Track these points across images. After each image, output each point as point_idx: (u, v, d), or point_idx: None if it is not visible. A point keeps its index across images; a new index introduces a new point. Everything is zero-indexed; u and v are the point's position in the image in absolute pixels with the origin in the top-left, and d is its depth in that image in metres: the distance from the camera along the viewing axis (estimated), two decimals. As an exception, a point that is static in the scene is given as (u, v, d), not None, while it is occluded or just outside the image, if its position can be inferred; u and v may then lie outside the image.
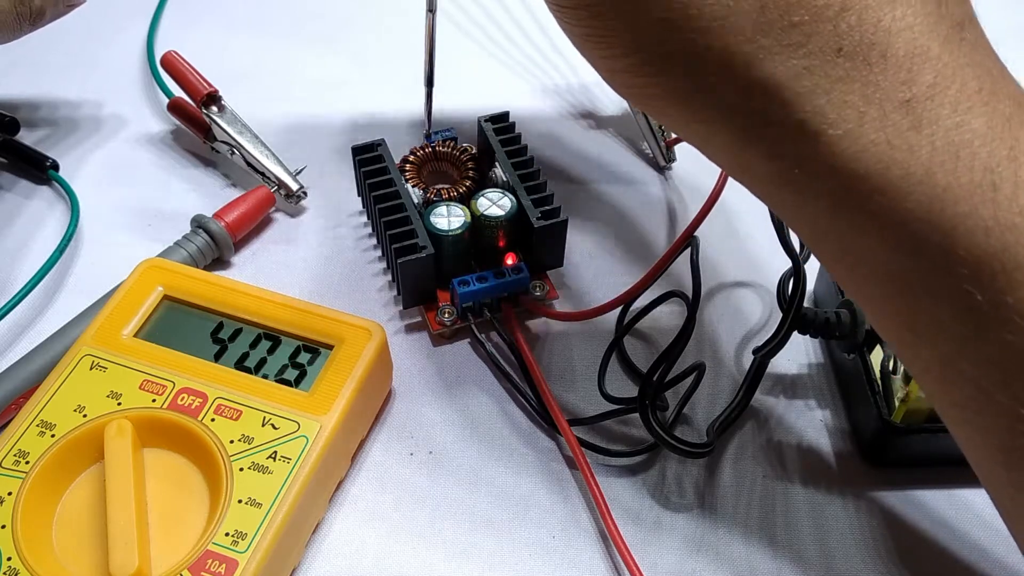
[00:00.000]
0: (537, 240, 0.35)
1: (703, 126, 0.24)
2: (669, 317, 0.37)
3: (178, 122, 0.43)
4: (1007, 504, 0.24)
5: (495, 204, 0.36)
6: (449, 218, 0.35)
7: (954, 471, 0.31)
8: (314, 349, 0.32)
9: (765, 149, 0.23)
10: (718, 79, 0.23)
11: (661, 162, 0.43)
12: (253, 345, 0.33)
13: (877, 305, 0.24)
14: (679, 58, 0.23)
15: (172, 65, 0.42)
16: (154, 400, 0.31)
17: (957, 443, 0.24)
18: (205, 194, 0.41)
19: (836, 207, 0.23)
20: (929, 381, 0.24)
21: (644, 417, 0.32)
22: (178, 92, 0.43)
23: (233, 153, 0.41)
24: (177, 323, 0.33)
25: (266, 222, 0.40)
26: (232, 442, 0.30)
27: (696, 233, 0.32)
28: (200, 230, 0.38)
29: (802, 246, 0.33)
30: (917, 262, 0.22)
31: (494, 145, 0.37)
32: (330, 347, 0.32)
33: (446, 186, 0.37)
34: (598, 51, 0.25)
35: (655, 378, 0.31)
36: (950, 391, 0.23)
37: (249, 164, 0.41)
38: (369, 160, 0.37)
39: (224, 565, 0.27)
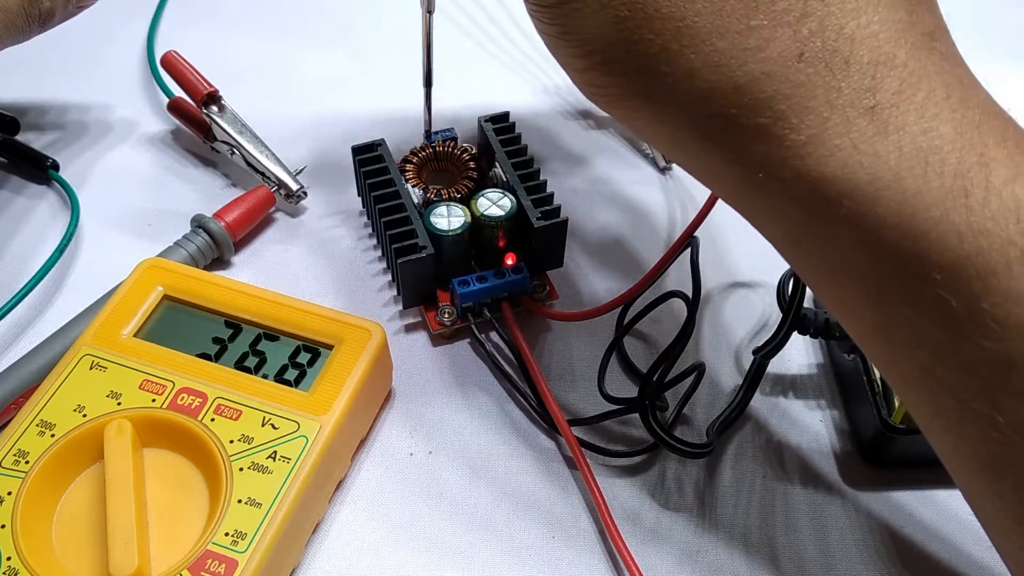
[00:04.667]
0: (537, 240, 0.35)
1: (667, 129, 0.24)
2: (669, 317, 0.37)
3: (178, 122, 0.43)
4: (988, 513, 0.24)
5: (495, 204, 0.36)
6: (449, 218, 0.35)
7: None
8: (314, 349, 0.32)
9: (728, 154, 0.23)
10: (677, 82, 0.23)
11: (661, 162, 0.43)
12: (253, 345, 0.33)
13: (853, 314, 0.24)
14: (639, 59, 0.23)
15: (172, 65, 0.42)
16: (154, 400, 0.31)
17: (937, 453, 0.24)
18: (205, 194, 0.41)
19: (806, 213, 0.23)
20: (907, 390, 0.24)
21: (644, 417, 0.32)
22: (178, 92, 0.43)
23: (233, 153, 0.41)
24: (177, 323, 0.33)
25: (266, 222, 0.40)
26: (232, 442, 0.30)
27: (696, 233, 0.32)
28: (200, 230, 0.38)
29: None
30: (891, 268, 0.22)
31: (494, 145, 0.37)
32: (330, 347, 0.32)
33: (446, 187, 0.37)
34: (565, 50, 0.25)
35: (655, 378, 0.31)
36: (928, 400, 0.23)
37: (249, 164, 0.41)
38: (369, 160, 0.37)
39: (224, 565, 0.27)
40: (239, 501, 0.29)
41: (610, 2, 0.23)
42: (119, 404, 0.30)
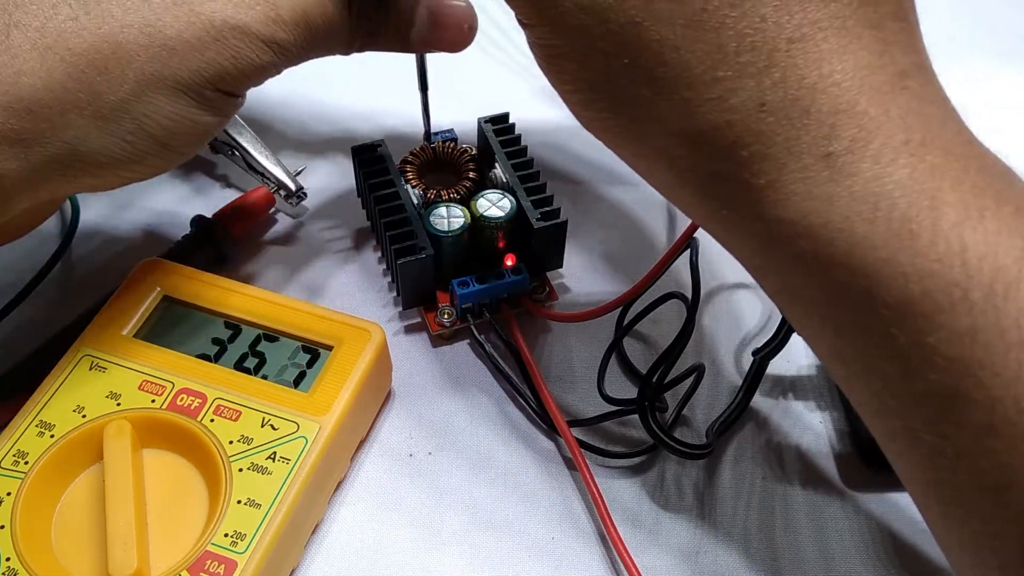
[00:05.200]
0: (537, 241, 0.35)
1: (643, 162, 0.26)
2: (669, 318, 0.37)
3: (178, 122, 0.43)
4: (939, 533, 0.25)
5: (495, 205, 0.36)
6: (449, 219, 0.35)
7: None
8: (313, 350, 0.32)
9: (696, 191, 0.25)
10: (651, 123, 0.24)
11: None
12: (252, 346, 0.33)
13: (815, 340, 0.25)
14: (620, 99, 0.25)
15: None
16: (153, 400, 0.31)
17: (896, 473, 0.25)
18: (205, 194, 0.41)
19: (767, 249, 0.24)
20: (864, 414, 0.25)
21: (643, 418, 0.32)
22: (178, 92, 0.43)
23: (233, 154, 0.41)
24: (176, 323, 0.33)
25: (266, 222, 0.40)
26: (231, 443, 0.30)
27: (696, 234, 0.32)
28: (200, 230, 0.38)
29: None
30: (843, 304, 0.23)
31: (494, 146, 0.37)
32: (329, 348, 0.32)
33: (446, 187, 0.37)
34: (561, 84, 0.26)
35: (655, 379, 0.31)
36: (882, 426, 0.24)
37: (249, 164, 0.41)
38: (369, 160, 0.37)
39: (223, 566, 0.27)
40: (238, 502, 0.29)
41: (590, 52, 0.24)
42: (118, 405, 0.30)
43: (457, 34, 0.32)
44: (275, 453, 0.30)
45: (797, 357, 0.36)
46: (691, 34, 0.23)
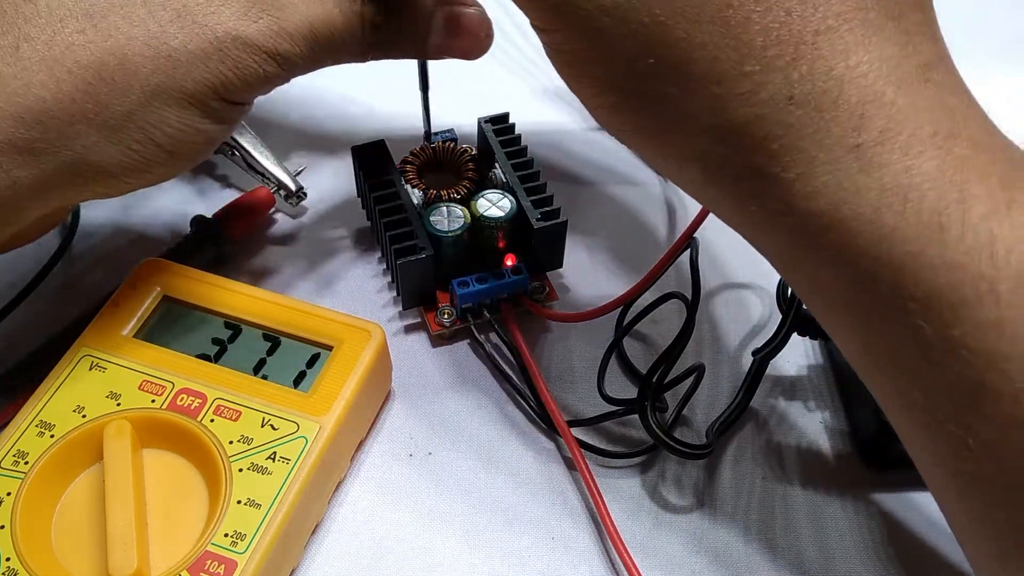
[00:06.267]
0: (537, 241, 0.35)
1: (671, 162, 0.26)
2: (669, 318, 0.37)
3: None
4: (960, 525, 0.25)
5: (495, 205, 0.36)
6: (449, 219, 0.35)
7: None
8: (313, 350, 0.32)
9: (726, 188, 0.25)
10: (680, 122, 0.24)
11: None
12: (252, 346, 0.33)
13: (841, 334, 0.25)
14: (647, 100, 0.24)
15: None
16: (153, 400, 0.31)
17: (917, 468, 0.25)
18: (205, 194, 0.41)
19: (795, 242, 0.24)
20: (889, 408, 0.25)
21: (643, 418, 0.32)
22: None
23: (233, 154, 0.41)
24: (176, 323, 0.33)
25: (266, 222, 0.40)
26: (231, 443, 0.30)
27: (696, 234, 0.32)
28: (200, 231, 0.38)
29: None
30: (871, 296, 0.23)
31: (494, 146, 0.37)
32: (329, 348, 0.32)
33: (446, 187, 0.37)
34: (583, 89, 0.26)
35: (655, 379, 0.31)
36: (906, 419, 0.24)
37: (249, 165, 0.40)
38: (369, 160, 0.37)
39: (223, 566, 0.27)
40: (238, 502, 0.29)
41: (614, 54, 0.24)
42: (118, 405, 0.30)
43: (474, 42, 0.32)
44: (275, 453, 0.30)
45: (797, 357, 0.36)
46: (718, 30, 0.23)
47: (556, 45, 0.26)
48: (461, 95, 0.43)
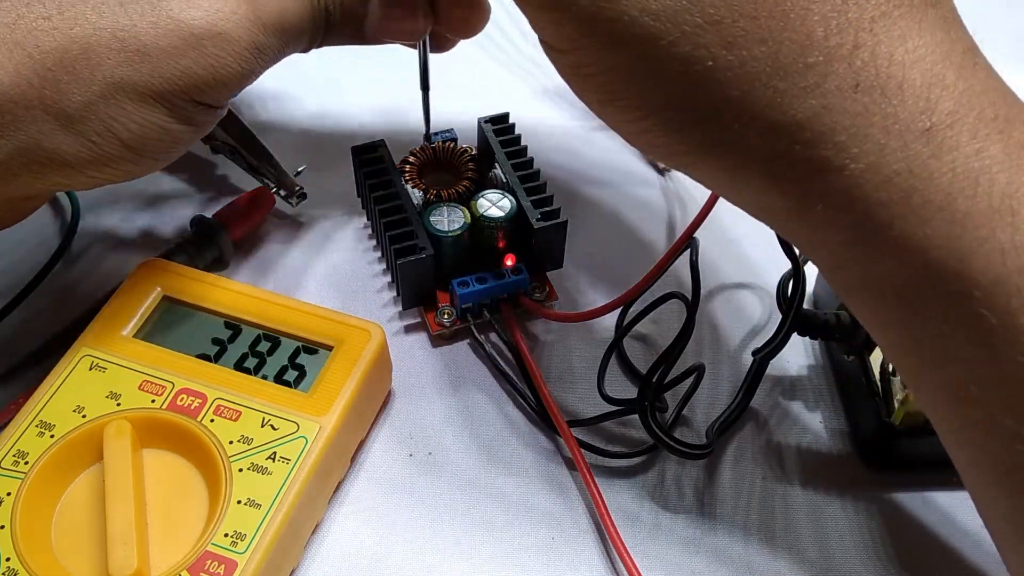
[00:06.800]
0: (537, 241, 0.35)
1: (728, 173, 0.25)
2: (669, 318, 0.37)
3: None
4: (1000, 526, 0.24)
5: (495, 205, 0.36)
6: (449, 219, 0.35)
7: (953, 473, 0.31)
8: (313, 350, 0.32)
9: (789, 189, 0.24)
10: (740, 128, 0.23)
11: (661, 164, 0.43)
12: (252, 346, 0.33)
13: (890, 331, 0.25)
14: (701, 112, 0.23)
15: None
16: (153, 401, 0.31)
17: (957, 468, 0.25)
18: (205, 195, 0.41)
19: (855, 238, 0.23)
20: (934, 403, 0.24)
21: (643, 418, 0.32)
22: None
23: (233, 154, 0.41)
24: (176, 324, 0.33)
25: (266, 222, 0.40)
26: (231, 443, 0.30)
27: (696, 234, 0.32)
28: (200, 231, 0.38)
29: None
30: (933, 286, 0.22)
31: (494, 146, 0.37)
32: (329, 348, 0.32)
33: (446, 187, 0.37)
34: (618, 116, 0.25)
35: (654, 379, 0.31)
36: (956, 413, 0.24)
37: (249, 165, 0.40)
38: (369, 160, 0.37)
39: (223, 566, 0.27)
40: (238, 502, 0.29)
41: (665, 64, 0.23)
42: (118, 405, 0.30)
43: (411, 25, 0.32)
44: (275, 453, 0.30)
45: (797, 357, 0.36)
46: (777, 24, 0.22)
47: (583, 67, 0.24)
48: (461, 95, 0.43)
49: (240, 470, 0.29)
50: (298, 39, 0.30)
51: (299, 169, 0.41)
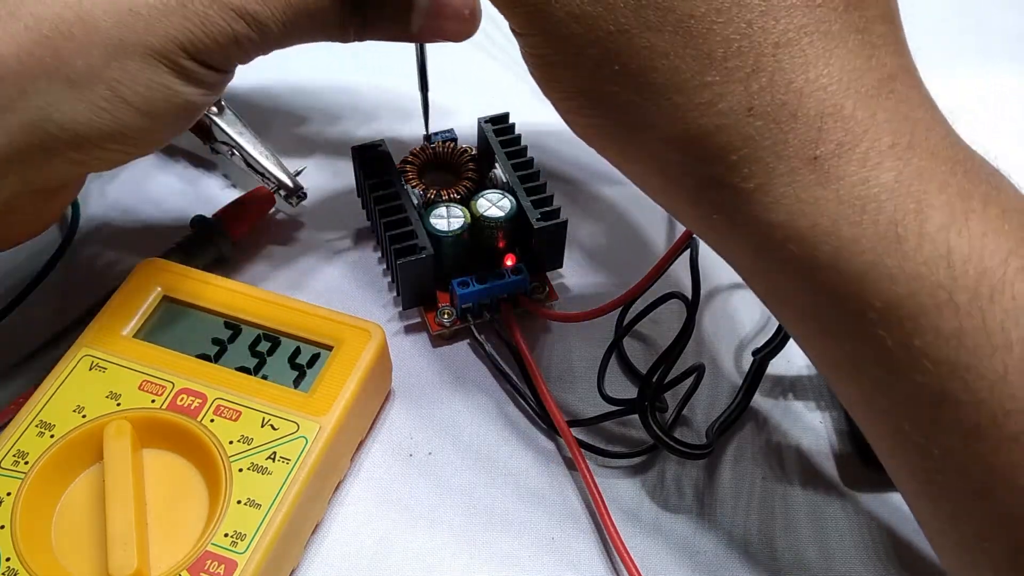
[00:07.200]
0: (537, 241, 0.35)
1: (636, 167, 0.26)
2: (669, 318, 0.37)
3: (178, 122, 0.43)
4: (930, 534, 0.25)
5: (495, 205, 0.36)
6: (449, 219, 0.35)
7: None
8: (313, 350, 0.32)
9: (687, 196, 0.25)
10: (642, 129, 0.24)
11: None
12: (252, 346, 0.33)
13: (805, 342, 0.26)
14: (611, 105, 0.25)
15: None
16: (153, 401, 0.31)
17: (889, 475, 0.25)
18: (205, 195, 0.41)
19: (756, 252, 0.24)
20: (855, 415, 0.25)
21: (643, 418, 0.32)
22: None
23: (233, 154, 0.41)
24: (176, 323, 0.33)
25: (266, 222, 0.40)
26: (231, 443, 0.30)
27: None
28: (200, 230, 0.38)
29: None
30: (832, 307, 0.23)
31: (494, 146, 0.37)
32: (329, 348, 0.32)
33: (446, 187, 0.37)
34: (552, 92, 0.27)
35: (654, 379, 0.31)
36: (872, 427, 0.25)
37: (249, 164, 0.40)
38: (369, 160, 0.37)
39: (223, 566, 0.27)
40: (238, 502, 0.29)
41: (581, 60, 0.24)
42: (118, 405, 0.30)
43: (458, 23, 0.32)
44: (275, 453, 0.30)
45: (797, 357, 0.36)
46: (679, 40, 0.23)
47: (530, 48, 0.26)
48: (461, 95, 0.43)
49: (240, 470, 0.29)
50: (316, 22, 0.29)
51: (299, 169, 0.41)
